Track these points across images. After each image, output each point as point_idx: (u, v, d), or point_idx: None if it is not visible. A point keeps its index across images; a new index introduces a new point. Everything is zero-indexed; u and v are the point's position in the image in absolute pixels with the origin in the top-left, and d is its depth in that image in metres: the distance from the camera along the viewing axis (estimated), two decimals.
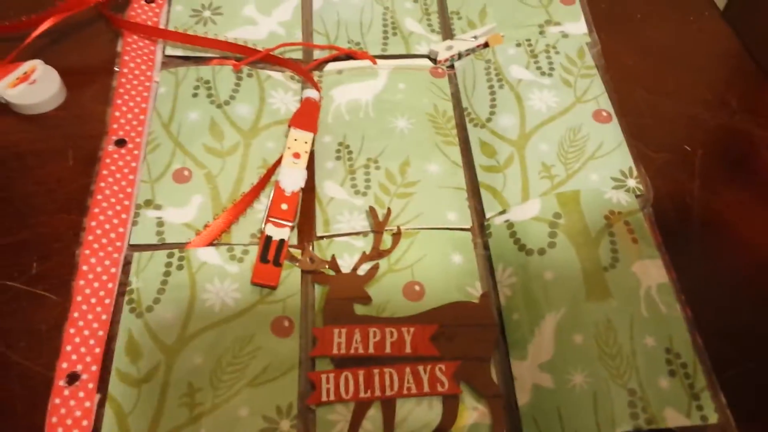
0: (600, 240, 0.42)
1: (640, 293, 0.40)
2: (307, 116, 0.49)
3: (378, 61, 0.54)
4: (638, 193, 0.45)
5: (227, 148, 0.48)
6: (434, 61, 0.55)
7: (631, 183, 0.45)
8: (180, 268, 0.42)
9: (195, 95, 0.50)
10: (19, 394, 0.39)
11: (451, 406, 0.38)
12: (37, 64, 0.51)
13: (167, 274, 0.42)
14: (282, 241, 0.43)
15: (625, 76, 0.54)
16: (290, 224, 0.44)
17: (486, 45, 0.55)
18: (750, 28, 0.57)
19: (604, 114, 0.49)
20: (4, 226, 0.45)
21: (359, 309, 0.41)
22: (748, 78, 0.55)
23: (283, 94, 0.52)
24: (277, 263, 0.42)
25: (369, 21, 0.57)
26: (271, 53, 0.53)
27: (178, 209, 0.45)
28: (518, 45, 0.53)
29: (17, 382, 0.39)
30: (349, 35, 0.56)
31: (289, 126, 0.48)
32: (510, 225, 0.44)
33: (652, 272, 0.41)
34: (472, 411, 0.38)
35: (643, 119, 0.51)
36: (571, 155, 0.47)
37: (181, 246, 0.44)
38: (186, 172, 0.47)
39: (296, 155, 0.47)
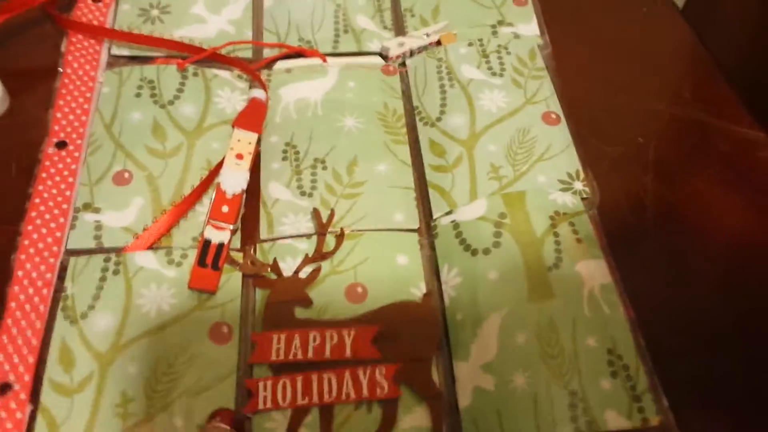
0: (544, 240, 0.41)
1: (583, 293, 0.39)
2: (252, 116, 0.48)
3: (328, 59, 0.53)
4: (584, 195, 0.45)
5: (170, 149, 0.47)
6: (386, 58, 0.54)
7: (578, 186, 0.45)
8: (116, 273, 0.41)
9: (138, 95, 0.49)
10: None
11: (390, 409, 0.37)
12: None
13: (103, 279, 0.41)
14: (221, 244, 0.42)
15: (579, 69, 0.53)
16: (231, 227, 0.43)
17: (439, 43, 0.54)
18: (707, 19, 0.57)
19: (553, 116, 0.48)
20: None
21: (300, 312, 0.41)
22: (700, 67, 0.55)
23: (230, 93, 0.51)
24: (216, 267, 0.41)
25: (320, 19, 0.56)
26: (218, 52, 0.52)
27: (118, 212, 0.44)
28: (470, 44, 0.52)
29: None
30: (300, 33, 0.55)
31: (233, 126, 0.47)
32: (456, 225, 0.44)
33: (595, 272, 0.40)
34: (412, 414, 0.37)
35: (597, 113, 0.50)
36: (520, 156, 0.46)
37: (118, 250, 0.42)
38: (126, 174, 0.46)
39: (239, 156, 0.46)
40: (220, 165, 0.46)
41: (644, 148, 0.49)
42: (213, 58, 0.52)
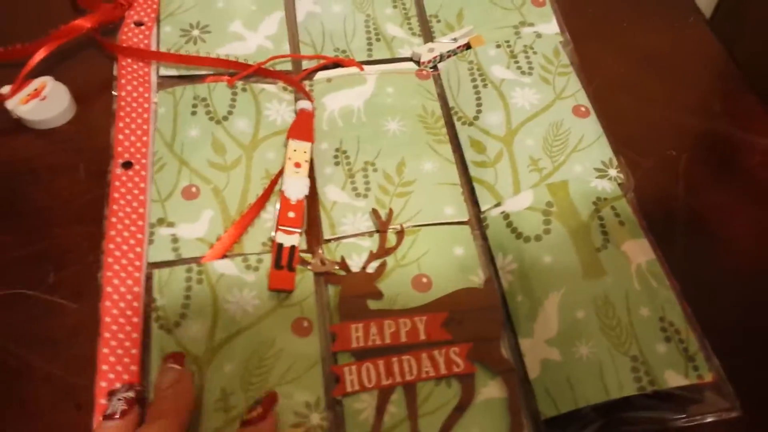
0: (590, 224, 0.45)
1: (631, 269, 0.43)
2: (303, 127, 0.51)
3: (365, 66, 0.56)
4: (620, 181, 0.48)
5: (230, 162, 0.50)
6: (418, 63, 0.57)
7: (612, 173, 0.49)
8: (200, 281, 0.45)
9: (194, 113, 0.52)
10: (43, 396, 0.41)
11: (468, 383, 0.41)
12: (47, 80, 0.53)
13: (189, 288, 0.44)
14: (293, 247, 0.45)
15: (612, 83, 0.56)
16: (299, 230, 0.46)
17: (467, 46, 0.57)
18: (736, 33, 0.61)
19: (583, 109, 0.52)
20: (21, 238, 0.47)
21: (372, 304, 0.44)
22: (729, 82, 0.58)
23: (278, 105, 0.54)
24: (291, 268, 0.45)
25: (352, 29, 0.59)
26: (262, 66, 0.55)
27: (190, 225, 0.47)
28: (498, 46, 0.56)
29: (40, 384, 0.42)
30: (335, 44, 0.58)
31: (288, 138, 0.50)
32: (506, 216, 0.47)
33: (639, 251, 0.44)
34: (488, 386, 0.41)
35: (630, 125, 0.54)
36: (556, 149, 0.50)
37: (197, 260, 0.46)
38: (194, 189, 0.49)
39: (297, 165, 0.49)
40: (279, 174, 0.49)
41: (675, 161, 0.52)
42: (259, 72, 0.55)
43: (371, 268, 0.46)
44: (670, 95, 0.56)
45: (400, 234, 0.47)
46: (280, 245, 0.45)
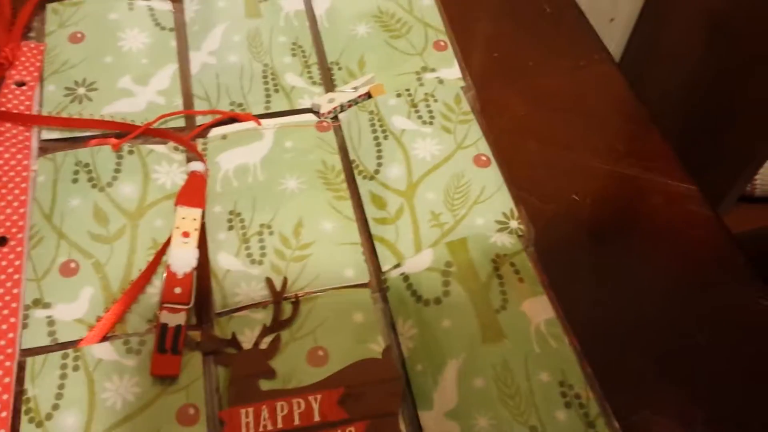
0: (490, 284, 0.44)
1: (531, 330, 0.42)
2: (193, 192, 0.48)
3: (262, 120, 0.54)
4: (520, 233, 0.47)
5: (113, 232, 0.47)
6: (318, 114, 0.55)
7: (513, 224, 0.47)
8: (76, 368, 0.41)
9: (75, 180, 0.49)
10: None
11: None
12: None
13: (63, 376, 0.41)
14: (179, 326, 0.43)
15: (518, 126, 0.55)
16: (186, 307, 0.43)
17: (368, 95, 0.56)
18: (644, 70, 0.61)
19: (484, 158, 0.51)
20: None
21: (264, 384, 0.42)
22: (634, 121, 0.57)
23: (168, 167, 0.51)
24: (176, 351, 0.42)
25: (249, 80, 0.57)
26: (150, 127, 0.52)
27: (68, 305, 0.44)
28: (398, 95, 0.54)
29: None
30: (231, 97, 0.56)
31: (176, 204, 0.48)
32: (406, 277, 0.45)
33: (539, 309, 0.43)
34: None
35: (533, 170, 0.53)
36: (457, 201, 0.48)
37: (74, 344, 0.42)
38: (73, 264, 0.45)
39: (185, 234, 0.46)
40: (166, 244, 0.46)
41: (579, 205, 0.51)
42: (147, 132, 0.52)
43: (264, 344, 0.43)
44: (575, 137, 0.56)
45: (296, 305, 0.44)
46: (165, 325, 0.43)
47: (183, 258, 0.45)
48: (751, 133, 0.83)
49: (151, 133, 0.52)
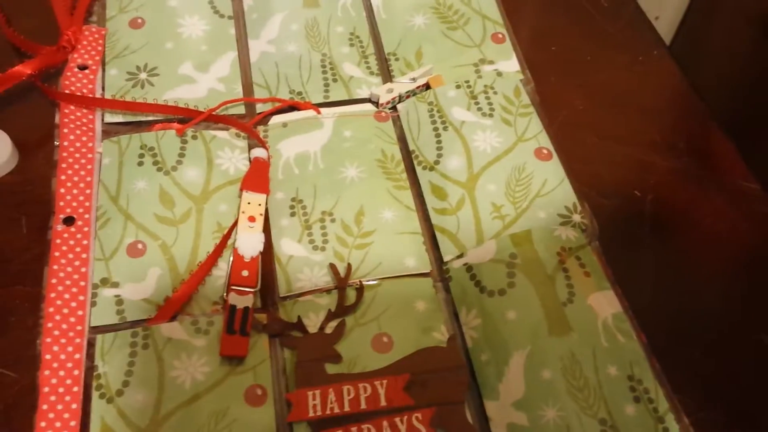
0: (555, 277, 0.44)
1: (598, 325, 0.42)
2: (257, 177, 0.49)
3: (322, 109, 0.55)
4: (583, 227, 0.47)
5: (179, 215, 0.48)
6: (376, 104, 0.56)
7: (577, 218, 0.47)
8: (145, 347, 0.42)
9: (140, 164, 0.50)
10: None
11: None
12: None
13: (133, 354, 0.42)
14: (247, 309, 0.43)
15: (576, 120, 0.55)
16: (253, 290, 0.44)
17: (427, 86, 0.56)
18: (696, 64, 0.60)
19: (545, 152, 0.51)
20: None
21: (330, 368, 0.42)
22: (694, 118, 0.57)
23: (230, 153, 0.52)
24: (244, 332, 0.42)
25: (308, 69, 0.57)
26: (213, 113, 0.53)
27: (136, 285, 0.45)
28: (458, 86, 0.54)
29: None
30: (290, 85, 0.56)
31: (241, 190, 0.48)
32: (469, 268, 0.46)
33: (606, 303, 0.43)
34: None
35: (594, 165, 0.52)
36: (519, 194, 0.48)
37: (143, 323, 0.43)
38: (140, 246, 0.46)
39: (251, 219, 0.47)
40: (232, 228, 0.47)
41: (641, 201, 0.51)
42: (209, 119, 0.53)
43: (329, 329, 0.43)
44: (635, 132, 0.55)
45: (360, 291, 0.45)
46: (233, 307, 0.43)
47: (249, 242, 0.45)
48: None
49: (213, 120, 0.53)
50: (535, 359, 0.41)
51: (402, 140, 0.54)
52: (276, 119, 0.54)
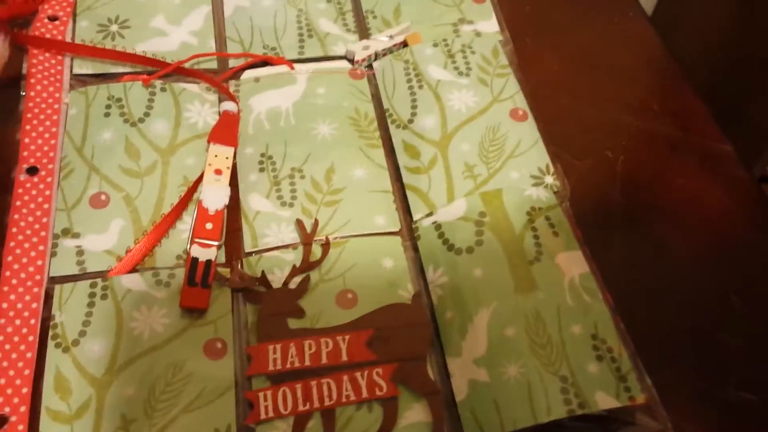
0: (524, 235, 0.43)
1: (564, 283, 0.41)
2: (226, 130, 0.48)
3: (295, 65, 0.53)
4: (555, 189, 0.46)
5: (145, 168, 0.47)
6: (351, 61, 0.54)
7: (549, 180, 0.47)
8: (104, 297, 0.41)
9: (107, 114, 0.49)
10: None
11: (390, 408, 0.39)
12: None
13: (91, 305, 0.41)
14: (209, 261, 0.42)
15: (550, 82, 0.54)
16: (216, 243, 0.43)
17: (404, 44, 0.55)
18: (675, 27, 0.59)
19: (521, 112, 0.50)
20: None
21: (293, 323, 0.41)
22: (669, 80, 0.56)
23: (200, 106, 0.51)
24: (206, 285, 0.41)
25: (283, 24, 0.56)
26: (182, 65, 0.51)
27: (98, 236, 0.44)
28: (435, 45, 0.53)
29: None
30: (264, 40, 0.55)
31: (208, 142, 0.47)
32: (438, 226, 0.45)
33: (573, 263, 0.42)
34: (412, 410, 0.39)
35: (567, 126, 0.52)
36: (492, 154, 0.47)
37: (103, 274, 0.42)
38: (103, 197, 0.45)
39: (218, 171, 0.46)
40: (198, 181, 0.46)
41: (613, 162, 0.50)
42: (178, 71, 0.52)
43: (293, 284, 0.43)
44: (609, 94, 0.55)
45: (326, 246, 0.44)
46: (195, 259, 0.42)
47: (215, 195, 0.45)
48: None
49: (183, 73, 0.52)
50: (500, 316, 0.40)
51: (376, 98, 0.53)
52: (248, 74, 0.53)
